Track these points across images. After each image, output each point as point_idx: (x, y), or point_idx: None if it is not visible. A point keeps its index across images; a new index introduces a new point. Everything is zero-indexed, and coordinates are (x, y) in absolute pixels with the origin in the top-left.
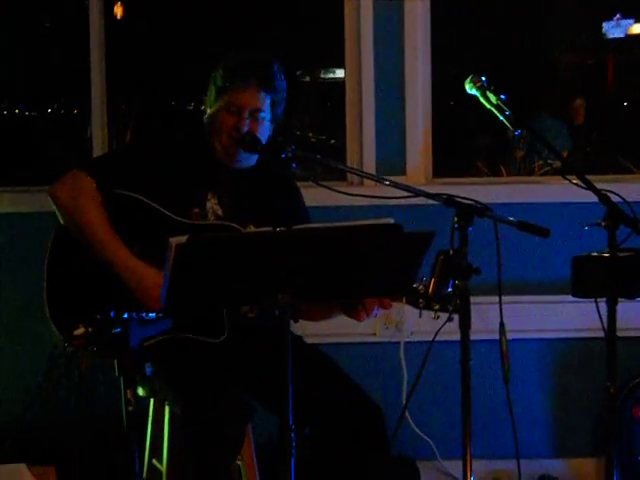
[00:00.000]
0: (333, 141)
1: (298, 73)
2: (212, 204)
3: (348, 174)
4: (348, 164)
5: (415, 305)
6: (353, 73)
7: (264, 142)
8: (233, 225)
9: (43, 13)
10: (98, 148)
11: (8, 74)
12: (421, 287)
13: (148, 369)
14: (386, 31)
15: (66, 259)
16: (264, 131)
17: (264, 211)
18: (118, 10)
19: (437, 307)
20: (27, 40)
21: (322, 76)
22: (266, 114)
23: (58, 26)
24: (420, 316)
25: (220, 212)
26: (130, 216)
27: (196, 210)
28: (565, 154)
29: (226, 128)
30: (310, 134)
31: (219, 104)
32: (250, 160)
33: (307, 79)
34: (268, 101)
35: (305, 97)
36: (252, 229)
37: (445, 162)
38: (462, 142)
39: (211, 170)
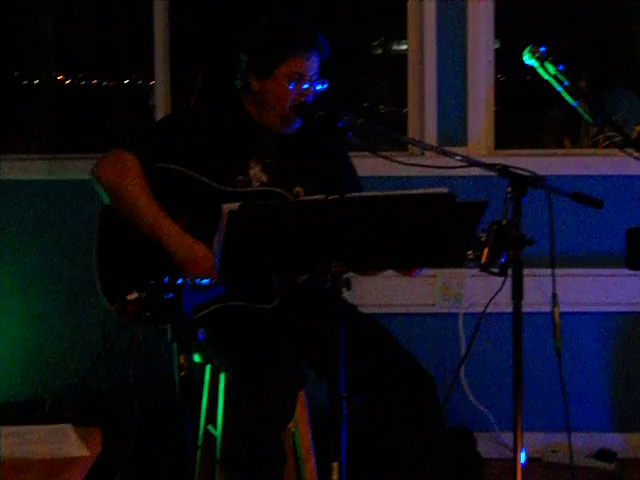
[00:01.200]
0: (406, 110)
1: (374, 44)
2: (256, 171)
3: (409, 145)
4: (410, 135)
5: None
6: (415, 44)
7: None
8: (278, 190)
9: None
10: (160, 117)
11: (76, 45)
12: (471, 253)
13: (201, 335)
14: (448, 4)
15: (117, 229)
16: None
17: (310, 173)
18: None
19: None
20: (94, 12)
21: (395, 47)
22: (317, 75)
23: None
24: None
25: (264, 178)
26: (175, 190)
27: (240, 178)
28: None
29: (291, 97)
30: (381, 106)
31: (277, 73)
32: (299, 123)
33: (380, 51)
34: (319, 63)
35: (378, 68)
36: (300, 191)
37: (512, 134)
38: (530, 114)
39: (251, 137)
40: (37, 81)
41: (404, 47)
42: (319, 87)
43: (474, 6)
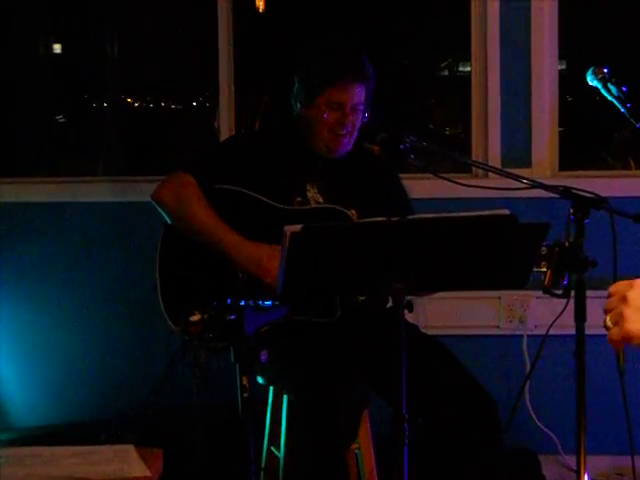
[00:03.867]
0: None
1: (441, 65)
2: (312, 194)
3: (473, 167)
4: (474, 157)
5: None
6: (479, 67)
7: (358, 126)
8: (337, 208)
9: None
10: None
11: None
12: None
13: (263, 356)
14: (512, 24)
15: (177, 253)
16: (360, 119)
17: (363, 196)
18: (260, 2)
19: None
20: (160, 34)
21: (461, 69)
22: (363, 104)
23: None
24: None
25: (321, 200)
26: (233, 210)
27: (299, 199)
28: None
29: (329, 125)
30: (447, 128)
31: (318, 101)
32: (348, 149)
33: (446, 73)
34: (364, 92)
35: (444, 90)
36: (354, 214)
37: (577, 155)
38: (596, 135)
39: (306, 161)
40: (105, 104)
41: (469, 69)
42: (363, 118)
43: (538, 26)
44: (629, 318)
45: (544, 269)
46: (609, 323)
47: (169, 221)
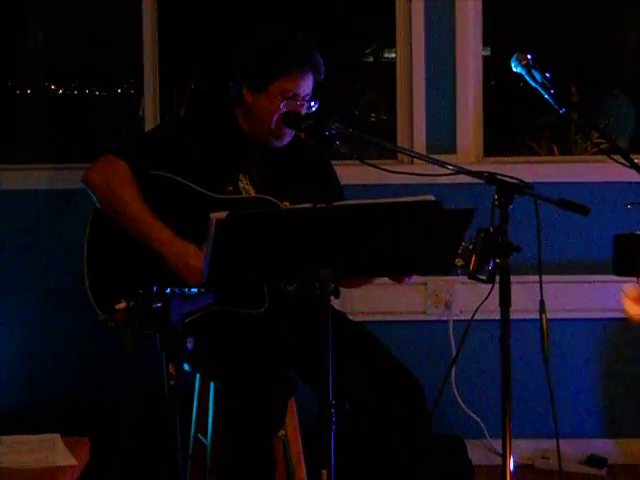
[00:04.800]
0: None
1: (367, 52)
2: (244, 184)
3: (398, 153)
4: (399, 143)
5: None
6: (403, 53)
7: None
8: (269, 198)
9: None
10: (150, 127)
11: (68, 55)
12: (459, 261)
13: (189, 344)
14: (437, 10)
15: (106, 238)
16: (306, 108)
17: (297, 188)
18: None
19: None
20: (84, 21)
21: (386, 56)
22: (311, 94)
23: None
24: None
25: (252, 192)
26: (164, 196)
27: (230, 188)
28: None
29: (280, 114)
30: (372, 114)
31: (270, 89)
32: (290, 137)
33: (371, 59)
34: (314, 82)
35: (369, 77)
36: (287, 205)
37: (500, 141)
38: (520, 121)
39: (241, 151)
40: (29, 91)
41: (394, 55)
42: (310, 108)
43: (462, 13)
44: None
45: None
46: None
47: (98, 205)
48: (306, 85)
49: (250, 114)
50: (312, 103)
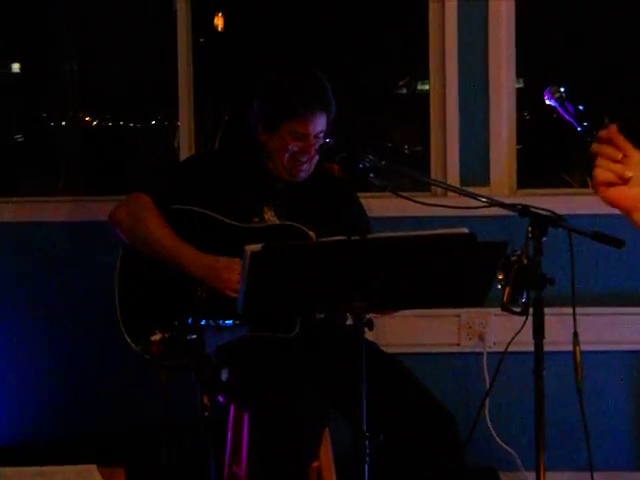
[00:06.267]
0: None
1: (400, 84)
2: (269, 216)
3: (432, 185)
4: (432, 175)
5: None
6: (437, 84)
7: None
8: (296, 225)
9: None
10: (184, 158)
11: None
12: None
13: (224, 375)
14: (470, 42)
15: (137, 271)
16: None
17: (322, 219)
18: (219, 21)
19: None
20: (119, 53)
21: (419, 87)
22: (325, 131)
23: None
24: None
25: (277, 223)
26: (191, 229)
27: (256, 219)
28: None
29: (293, 153)
30: (406, 146)
31: (281, 130)
32: (309, 173)
33: (404, 91)
34: (327, 120)
35: (402, 109)
36: (313, 236)
37: (534, 173)
38: (554, 153)
39: (265, 183)
40: (64, 122)
41: (428, 87)
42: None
43: (495, 45)
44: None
45: (501, 281)
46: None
47: (126, 240)
48: (316, 125)
49: (266, 151)
50: (324, 141)
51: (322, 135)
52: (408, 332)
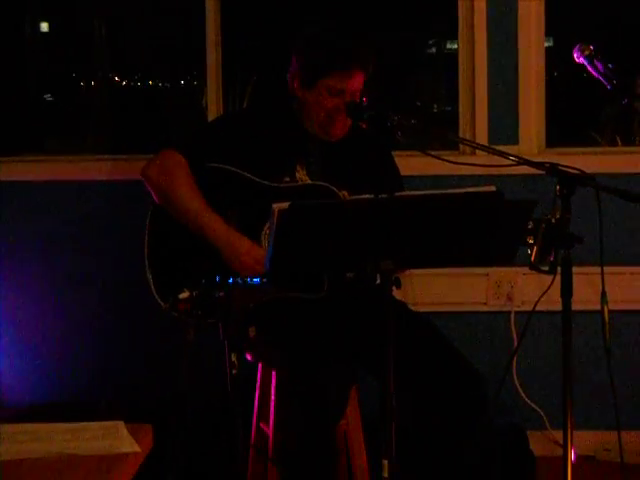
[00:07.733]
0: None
1: (429, 43)
2: (301, 175)
3: (460, 144)
4: (461, 134)
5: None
6: (466, 44)
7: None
8: (326, 185)
9: None
10: (212, 118)
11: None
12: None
13: (252, 333)
14: (499, 3)
15: (166, 230)
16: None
17: (355, 178)
18: None
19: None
20: (148, 14)
21: (448, 47)
22: (361, 89)
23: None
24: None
25: (309, 182)
26: (222, 188)
27: (287, 179)
28: None
29: (327, 109)
30: (435, 105)
31: (319, 85)
32: (345, 132)
33: (433, 50)
34: (364, 78)
35: (431, 68)
36: (345, 195)
37: (563, 132)
38: (583, 112)
39: (299, 142)
40: (93, 82)
41: (456, 46)
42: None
43: (524, 4)
44: None
45: (531, 242)
46: None
47: (155, 199)
48: (353, 82)
49: (302, 108)
50: (361, 97)
51: (358, 94)
52: (436, 291)
